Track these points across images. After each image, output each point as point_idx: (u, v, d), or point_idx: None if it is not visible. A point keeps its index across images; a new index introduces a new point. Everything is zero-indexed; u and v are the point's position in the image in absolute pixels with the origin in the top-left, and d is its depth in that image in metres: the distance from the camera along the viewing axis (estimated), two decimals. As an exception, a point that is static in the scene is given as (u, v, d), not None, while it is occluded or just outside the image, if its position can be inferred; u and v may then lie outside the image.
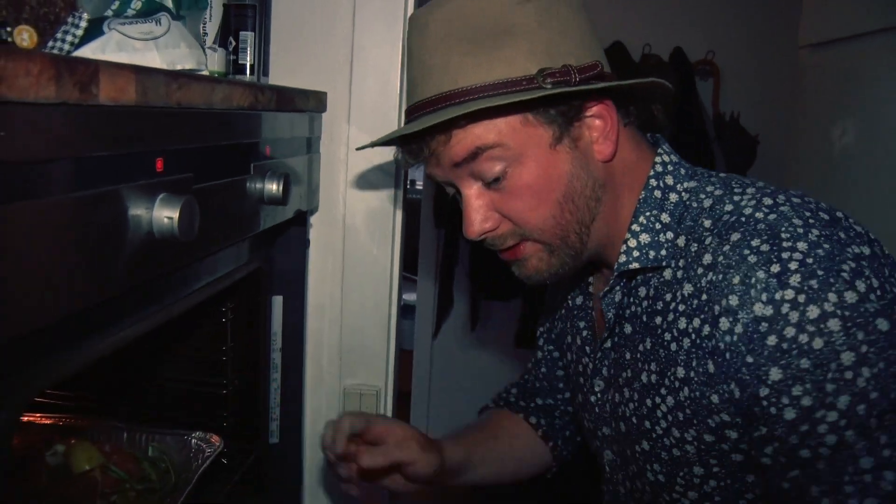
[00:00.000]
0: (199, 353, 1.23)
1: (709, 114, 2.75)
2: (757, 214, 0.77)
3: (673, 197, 0.86)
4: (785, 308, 0.70)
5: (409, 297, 4.06)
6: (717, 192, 0.83)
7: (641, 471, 0.90)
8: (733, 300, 0.74)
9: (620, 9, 2.77)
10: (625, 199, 0.87)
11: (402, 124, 0.83)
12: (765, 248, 0.74)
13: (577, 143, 0.82)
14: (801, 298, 0.70)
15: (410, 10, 1.24)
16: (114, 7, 0.83)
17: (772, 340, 0.71)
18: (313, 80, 1.24)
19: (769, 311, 0.71)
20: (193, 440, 1.13)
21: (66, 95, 0.52)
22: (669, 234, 0.84)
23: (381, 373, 1.33)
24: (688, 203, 0.85)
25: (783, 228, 0.75)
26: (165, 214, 0.65)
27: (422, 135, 0.81)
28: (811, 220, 0.75)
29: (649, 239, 0.84)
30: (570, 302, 1.05)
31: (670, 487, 0.86)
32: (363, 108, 1.25)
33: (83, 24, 0.77)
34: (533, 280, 0.88)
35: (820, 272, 0.70)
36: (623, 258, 0.85)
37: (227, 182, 0.84)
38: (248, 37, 1.13)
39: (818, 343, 0.69)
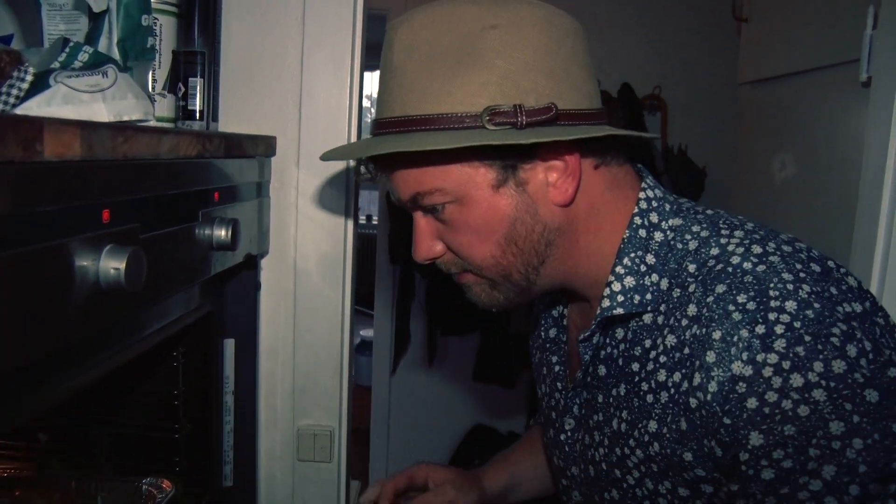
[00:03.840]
0: (151, 398, 1.22)
1: (658, 147, 2.83)
2: (745, 265, 0.73)
3: (658, 236, 0.81)
4: (767, 372, 0.67)
5: (367, 332, 4.05)
6: (703, 234, 0.80)
7: None
8: (710, 357, 0.70)
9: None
10: (597, 240, 0.83)
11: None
12: (751, 305, 0.70)
13: (524, 187, 0.78)
14: (786, 365, 0.66)
15: (358, 56, 1.27)
16: (60, 60, 0.84)
17: (752, 403, 0.67)
18: (263, 124, 1.26)
19: (748, 371, 0.67)
20: (144, 486, 1.12)
21: (10, 154, 0.53)
22: (654, 277, 0.80)
23: (334, 412, 1.33)
24: (672, 243, 0.81)
25: (772, 285, 0.70)
26: (112, 265, 0.66)
27: (372, 159, 0.83)
28: (802, 275, 0.71)
29: (634, 282, 0.80)
30: (542, 334, 1.02)
31: None
32: (313, 152, 1.26)
33: (29, 77, 0.78)
34: (481, 306, 0.87)
35: (807, 338, 0.66)
36: (607, 303, 0.81)
37: (174, 230, 0.85)
38: (197, 83, 1.14)
39: (804, 410, 0.65)
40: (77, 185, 0.64)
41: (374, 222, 3.41)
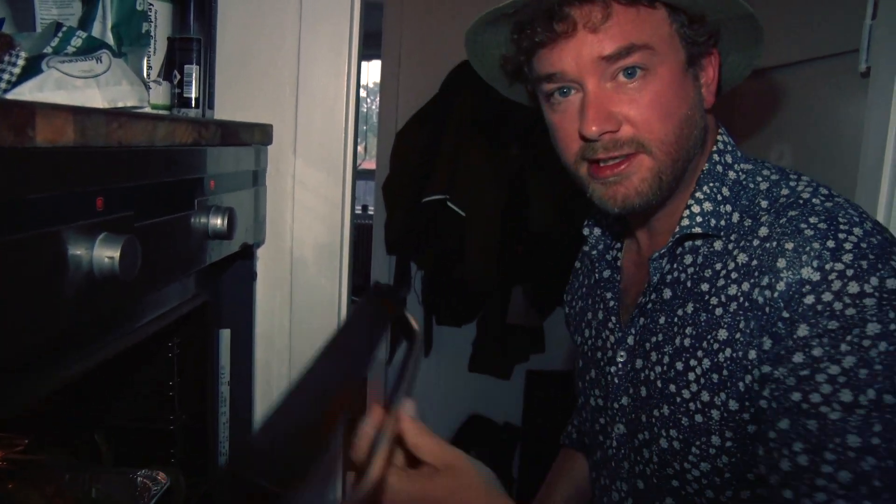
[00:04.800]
0: (146, 389, 1.21)
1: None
2: (814, 200, 0.81)
3: (731, 175, 0.89)
4: (832, 277, 0.74)
5: (363, 323, 4.05)
6: (774, 177, 0.87)
7: (654, 438, 0.89)
8: (781, 263, 0.77)
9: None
10: (694, 162, 0.88)
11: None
12: (822, 226, 0.77)
13: (697, 79, 0.86)
14: (849, 273, 0.73)
15: (356, 45, 1.26)
16: (53, 45, 0.82)
17: (809, 300, 0.74)
18: (259, 112, 1.24)
19: (816, 276, 0.75)
20: (139, 478, 1.11)
21: (1, 140, 0.52)
22: (728, 208, 0.86)
23: (331, 403, 1.32)
24: (744, 183, 0.88)
25: (840, 214, 0.78)
26: (106, 254, 0.65)
27: (570, 8, 0.79)
28: (864, 215, 0.80)
29: (712, 208, 0.86)
30: (596, 276, 1.04)
31: (683, 456, 0.86)
32: (309, 139, 1.25)
33: (20, 62, 0.76)
34: (620, 203, 0.85)
35: (871, 256, 0.74)
36: (686, 221, 0.86)
37: (170, 219, 0.83)
38: (192, 70, 1.13)
39: (850, 311, 0.73)
40: (70, 172, 0.63)
41: (370, 212, 3.40)
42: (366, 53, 1.34)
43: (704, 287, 0.85)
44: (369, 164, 5.92)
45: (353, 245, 1.35)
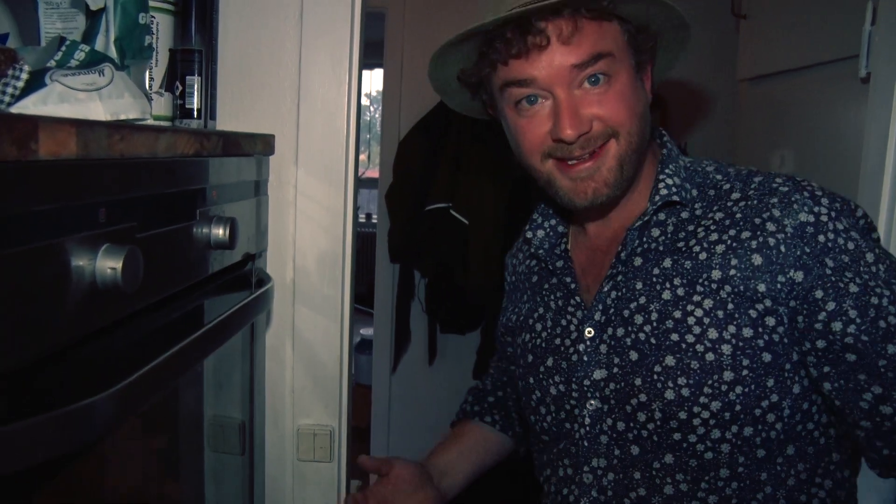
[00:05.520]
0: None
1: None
2: (762, 173, 0.98)
3: (681, 162, 1.02)
4: (823, 218, 0.89)
5: (367, 331, 4.05)
6: (713, 165, 1.02)
7: (657, 394, 0.93)
8: (776, 212, 0.90)
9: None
10: (647, 155, 1.01)
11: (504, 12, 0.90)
12: (789, 184, 0.92)
13: (643, 82, 0.98)
14: (833, 214, 0.89)
15: (357, 54, 1.27)
16: (56, 58, 0.83)
17: (822, 238, 0.88)
18: (261, 122, 1.25)
19: (812, 218, 0.89)
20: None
21: (4, 153, 0.53)
22: (688, 185, 0.99)
23: (334, 412, 1.33)
24: (692, 168, 1.02)
25: (797, 177, 0.94)
26: (109, 265, 0.66)
27: (543, 23, 0.88)
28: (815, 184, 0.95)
29: (679, 182, 0.98)
30: (549, 267, 1.10)
31: (693, 400, 0.91)
32: (311, 150, 1.26)
33: (24, 75, 0.77)
34: (591, 197, 0.95)
35: (837, 202, 0.91)
36: (664, 192, 0.97)
37: (172, 229, 0.84)
38: (194, 81, 1.14)
39: (850, 245, 0.88)
40: (73, 184, 0.64)
41: (374, 220, 3.41)
42: (368, 62, 1.34)
43: (681, 244, 0.96)
44: (373, 172, 5.93)
45: (357, 253, 1.36)
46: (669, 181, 0.98)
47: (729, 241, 0.91)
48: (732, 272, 0.90)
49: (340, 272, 1.29)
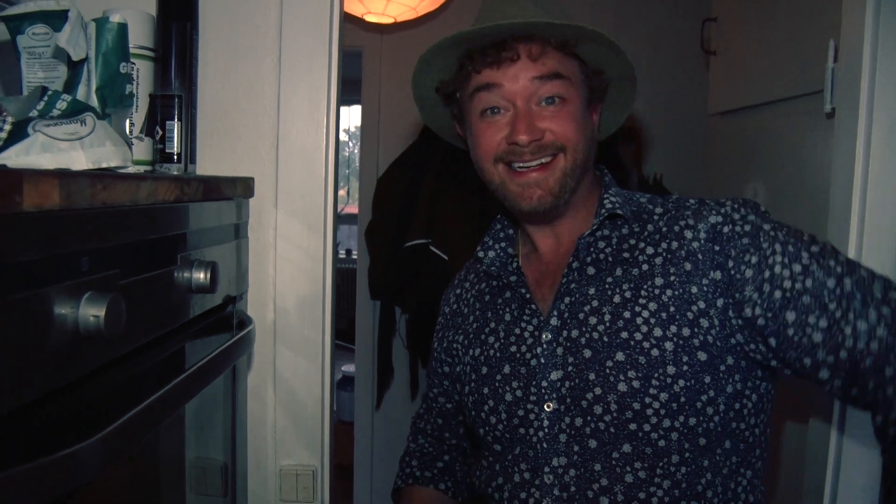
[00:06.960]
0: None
1: (634, 178, 2.86)
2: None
3: (620, 189, 1.16)
4: (727, 211, 1.03)
5: (349, 368, 4.03)
6: (646, 197, 1.15)
7: (611, 386, 1.02)
8: (691, 220, 1.04)
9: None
10: (590, 187, 1.14)
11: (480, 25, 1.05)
12: (695, 199, 1.09)
13: (591, 117, 1.12)
14: (736, 206, 1.04)
15: (334, 95, 1.29)
16: (39, 108, 0.84)
17: (726, 230, 1.02)
18: (240, 165, 1.27)
19: (719, 218, 1.03)
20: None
21: (-11, 207, 0.54)
22: (627, 206, 1.12)
23: (316, 452, 1.33)
24: (627, 196, 1.15)
25: (706, 199, 1.09)
26: (91, 313, 0.66)
27: (517, 42, 1.03)
28: None
29: (622, 201, 1.12)
30: (503, 282, 1.19)
31: (644, 391, 1.00)
32: (290, 192, 1.28)
33: (7, 126, 0.78)
34: (536, 203, 1.06)
35: (739, 201, 1.05)
36: (609, 205, 1.10)
37: (153, 275, 0.85)
38: (174, 126, 1.15)
39: (747, 227, 1.01)
40: (56, 235, 0.65)
41: (354, 256, 3.41)
42: (346, 98, 1.37)
43: (626, 255, 1.08)
44: (352, 208, 5.94)
45: (337, 290, 1.37)
46: (613, 199, 1.11)
47: (664, 253, 1.05)
48: (672, 278, 1.03)
49: (321, 314, 1.30)
